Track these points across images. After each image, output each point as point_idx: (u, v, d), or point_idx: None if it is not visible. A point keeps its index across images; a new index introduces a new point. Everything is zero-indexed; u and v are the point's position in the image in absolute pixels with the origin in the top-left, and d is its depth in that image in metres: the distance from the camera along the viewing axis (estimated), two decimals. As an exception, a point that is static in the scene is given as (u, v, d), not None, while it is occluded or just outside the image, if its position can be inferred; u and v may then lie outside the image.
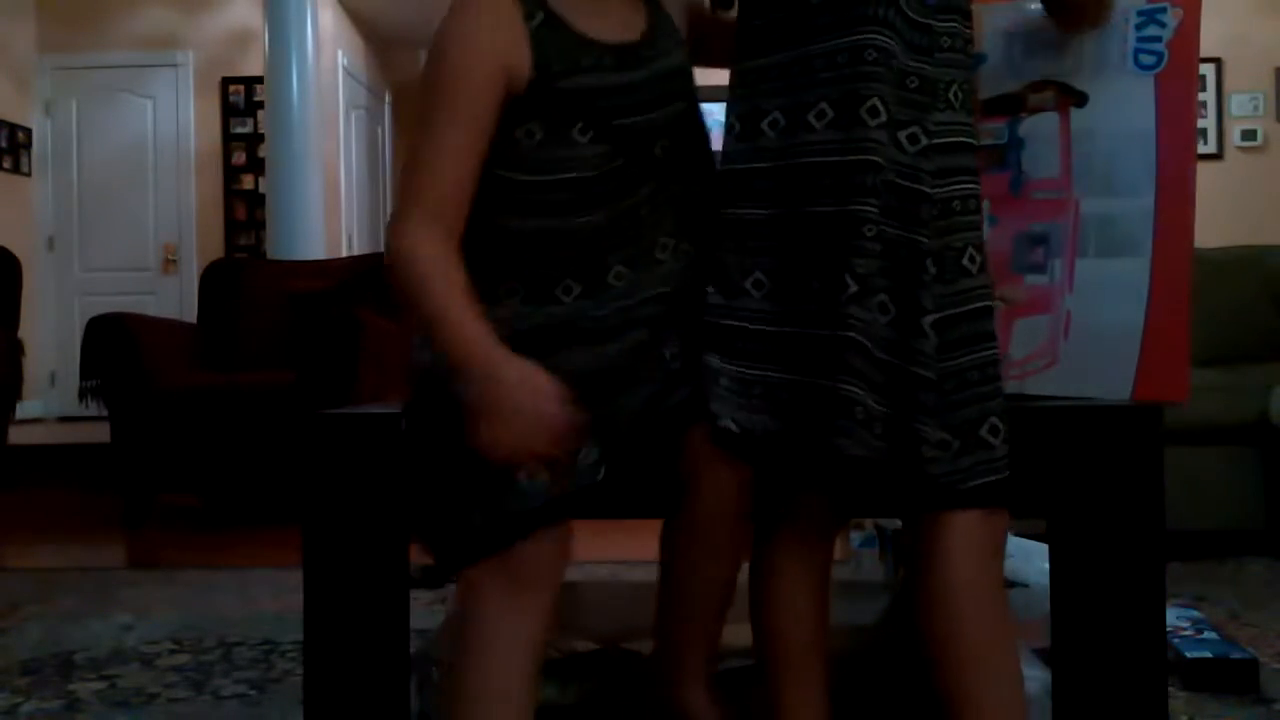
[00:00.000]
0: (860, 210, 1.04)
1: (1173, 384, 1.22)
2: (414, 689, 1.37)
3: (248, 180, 6.77)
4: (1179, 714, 1.64)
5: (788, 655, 1.18)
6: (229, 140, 6.82)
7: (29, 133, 6.71)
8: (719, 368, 1.14)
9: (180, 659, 2.08)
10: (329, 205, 6.06)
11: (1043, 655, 1.31)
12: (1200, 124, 5.31)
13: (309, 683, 1.29)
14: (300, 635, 1.31)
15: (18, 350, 3.59)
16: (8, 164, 6.50)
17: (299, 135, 5.52)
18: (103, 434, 3.87)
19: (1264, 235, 4.31)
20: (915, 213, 1.05)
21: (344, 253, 6.66)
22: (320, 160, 5.72)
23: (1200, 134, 5.37)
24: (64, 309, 6.70)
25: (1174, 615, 1.98)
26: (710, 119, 1.34)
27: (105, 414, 3.74)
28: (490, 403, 1.02)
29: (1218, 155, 5.82)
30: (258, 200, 6.51)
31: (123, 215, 6.79)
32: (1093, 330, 1.26)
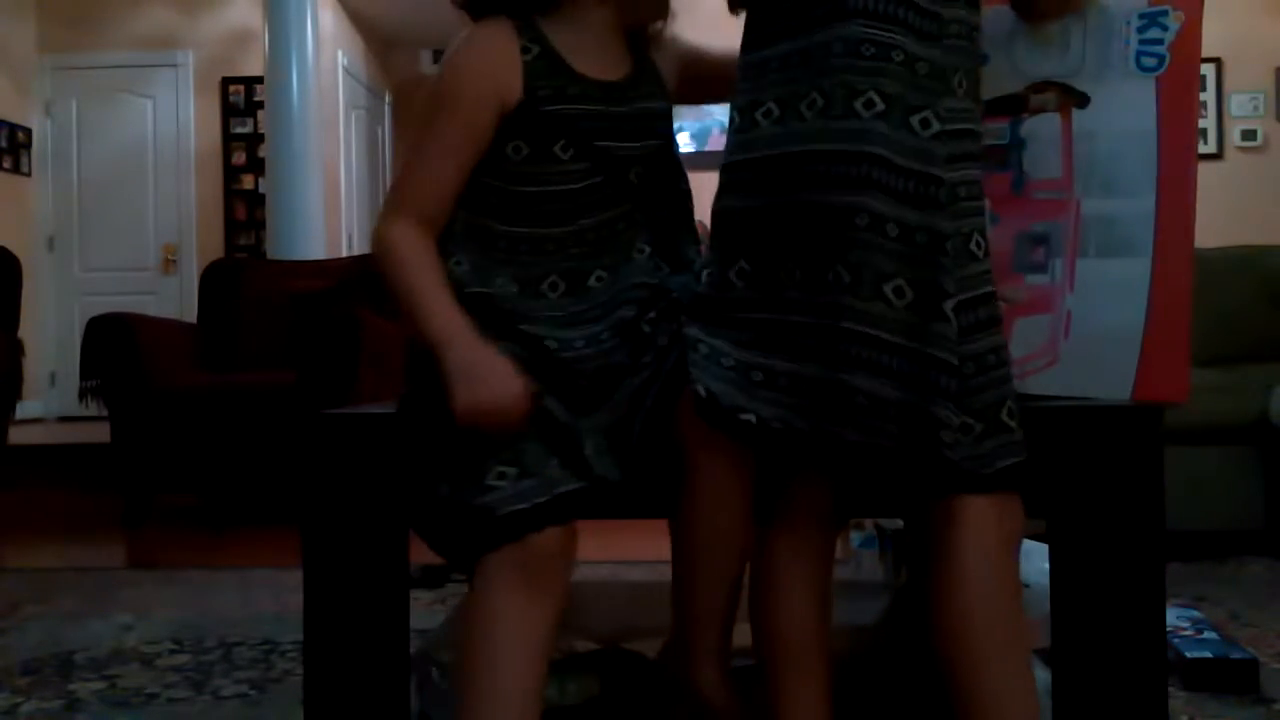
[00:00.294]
0: (852, 201, 1.03)
1: (1173, 384, 1.22)
2: (414, 689, 1.37)
3: (248, 180, 6.78)
4: (1179, 714, 1.64)
5: (788, 655, 1.17)
6: (229, 140, 6.83)
7: (29, 133, 6.72)
8: (698, 337, 1.14)
9: (180, 659, 2.08)
10: (329, 205, 6.06)
11: (1043, 655, 1.31)
12: (1200, 124, 5.29)
13: (309, 683, 1.29)
14: (300, 635, 1.31)
15: (18, 350, 3.58)
16: (8, 164, 6.51)
17: (299, 135, 5.52)
18: (103, 434, 3.87)
19: (1264, 235, 4.31)
20: (933, 197, 1.04)
21: (344, 253, 6.67)
22: (320, 160, 5.72)
23: (1200, 134, 5.35)
24: (64, 309, 6.70)
25: (1174, 615, 1.98)
26: (712, 120, 1.37)
27: (105, 414, 3.74)
28: (464, 369, 1.14)
29: (1218, 155, 5.83)
30: (258, 200, 6.52)
31: (123, 215, 6.80)
32: (1093, 330, 1.26)
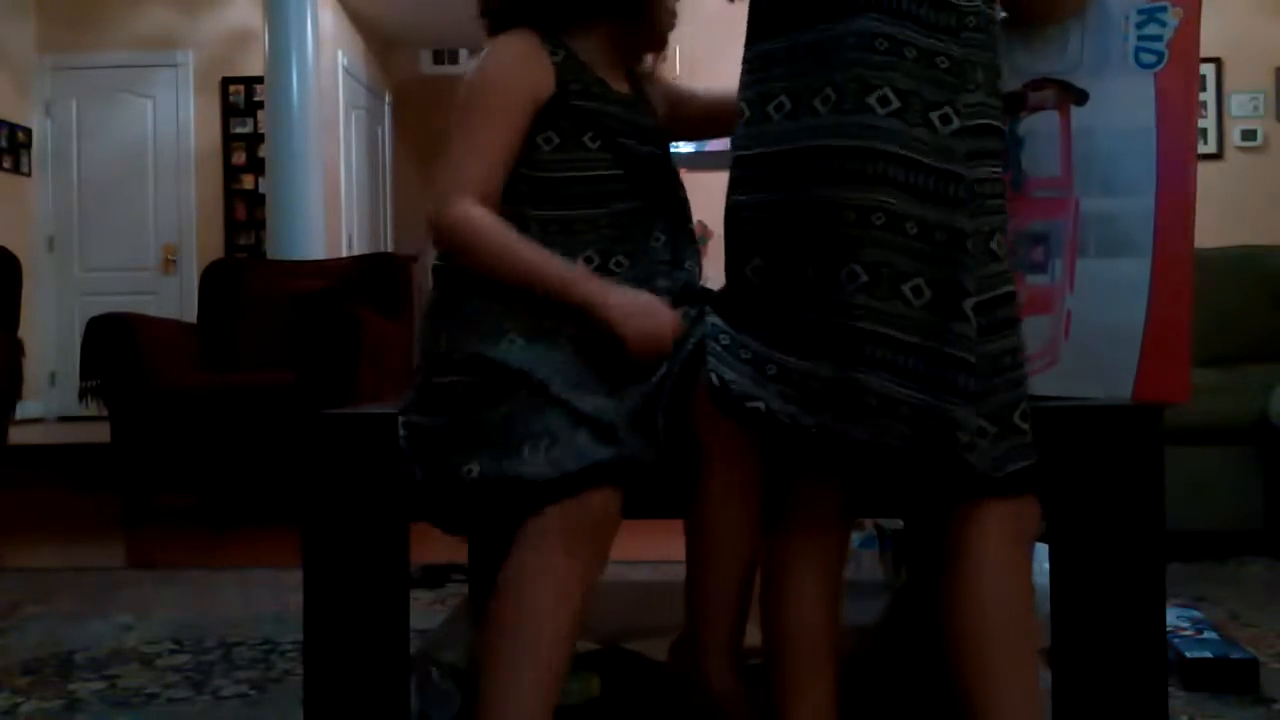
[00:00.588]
0: (868, 199, 1.03)
1: (1174, 384, 1.21)
2: (414, 689, 1.37)
3: (248, 180, 6.77)
4: (1179, 714, 1.64)
5: (797, 654, 1.16)
6: (229, 140, 6.82)
7: (29, 133, 6.71)
8: (722, 329, 1.14)
9: (180, 659, 2.08)
10: (329, 205, 6.06)
11: (1043, 655, 1.31)
12: (1200, 124, 5.29)
13: (309, 683, 1.29)
14: (300, 635, 1.31)
15: (18, 350, 3.58)
16: (8, 164, 6.51)
17: (299, 135, 5.52)
18: (103, 434, 3.87)
19: (1264, 235, 4.31)
20: (953, 195, 1.03)
21: (344, 253, 6.67)
22: (320, 160, 5.72)
23: (1200, 134, 5.36)
24: (64, 309, 6.70)
25: (1174, 615, 1.98)
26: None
27: (105, 414, 3.74)
28: (623, 306, 1.22)
29: (1218, 155, 5.82)
30: (258, 200, 6.52)
31: (123, 215, 6.80)
32: (1093, 330, 1.25)
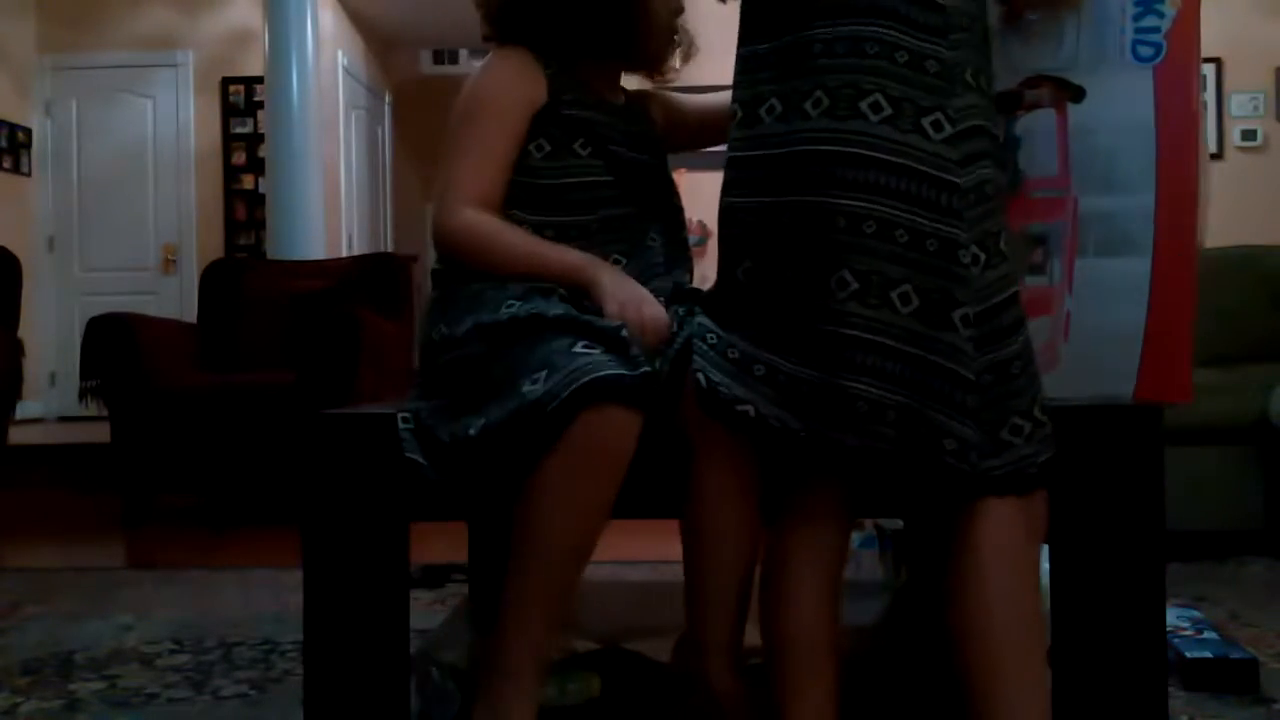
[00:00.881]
0: (859, 206, 1.02)
1: (1175, 385, 1.21)
2: (414, 689, 1.37)
3: (248, 180, 6.78)
4: (1179, 714, 1.64)
5: (796, 653, 1.16)
6: (229, 140, 6.83)
7: (29, 133, 6.72)
8: (709, 328, 1.14)
9: (180, 659, 2.08)
10: (329, 205, 6.06)
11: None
12: (1200, 124, 5.29)
13: (309, 683, 1.29)
14: (300, 635, 1.31)
15: (18, 350, 3.58)
16: (8, 164, 6.51)
17: (299, 135, 5.52)
18: (103, 434, 3.87)
19: (1264, 235, 4.30)
20: (945, 204, 1.03)
21: (344, 253, 6.67)
22: (320, 160, 5.72)
23: (1200, 134, 5.35)
24: (64, 309, 6.70)
25: (1174, 615, 1.97)
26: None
27: (105, 414, 3.74)
28: (620, 282, 1.25)
29: (1218, 155, 5.82)
30: (258, 200, 6.52)
31: (123, 215, 6.80)
32: (1093, 331, 1.24)
